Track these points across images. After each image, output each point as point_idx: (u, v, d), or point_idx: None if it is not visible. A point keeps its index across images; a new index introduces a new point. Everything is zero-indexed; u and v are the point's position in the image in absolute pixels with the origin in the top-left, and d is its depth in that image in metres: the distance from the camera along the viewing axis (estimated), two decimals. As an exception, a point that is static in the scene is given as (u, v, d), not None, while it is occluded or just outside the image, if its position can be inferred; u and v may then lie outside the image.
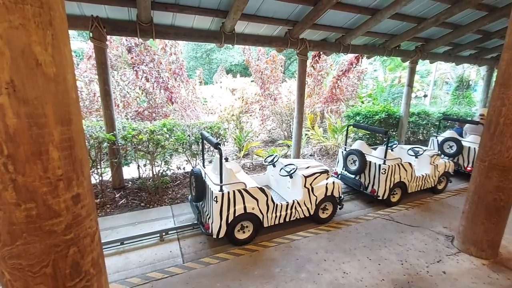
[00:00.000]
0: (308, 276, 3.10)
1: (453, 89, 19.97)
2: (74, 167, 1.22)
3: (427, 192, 5.78)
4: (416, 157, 5.86)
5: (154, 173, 5.45)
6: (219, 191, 3.54)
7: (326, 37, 6.93)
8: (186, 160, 6.15)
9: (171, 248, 3.79)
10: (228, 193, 3.57)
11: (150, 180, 5.56)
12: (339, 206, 4.61)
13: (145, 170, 5.68)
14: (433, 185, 5.74)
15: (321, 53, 9.21)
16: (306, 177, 4.26)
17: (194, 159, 6.05)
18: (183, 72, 8.50)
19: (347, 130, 6.31)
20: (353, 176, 5.52)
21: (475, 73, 19.43)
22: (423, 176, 5.55)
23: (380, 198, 5.04)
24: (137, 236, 3.95)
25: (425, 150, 5.96)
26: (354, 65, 10.04)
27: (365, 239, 3.88)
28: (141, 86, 7.92)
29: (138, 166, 5.86)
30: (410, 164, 5.27)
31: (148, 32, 5.15)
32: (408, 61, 8.72)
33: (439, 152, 6.74)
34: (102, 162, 5.45)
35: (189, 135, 5.82)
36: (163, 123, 5.57)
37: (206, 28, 5.65)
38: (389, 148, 5.40)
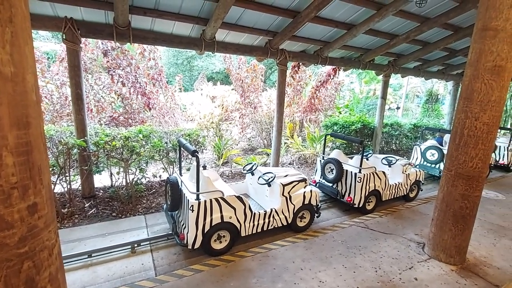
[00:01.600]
0: (285, 286, 3.06)
1: (423, 102, 21.18)
2: (31, 174, 1.13)
3: (399, 200, 6.01)
4: (390, 166, 6.10)
5: (128, 181, 5.23)
6: (196, 199, 3.44)
7: (305, 48, 7.12)
8: (163, 168, 5.97)
9: (143, 261, 3.61)
10: (205, 201, 3.47)
11: (124, 189, 5.32)
12: (316, 215, 4.64)
13: (118, 178, 5.44)
14: (405, 193, 5.98)
15: (301, 64, 9.44)
16: (284, 185, 4.25)
17: (171, 167, 5.89)
18: (162, 78, 8.35)
19: (325, 139, 6.46)
20: (330, 184, 5.61)
21: (443, 87, 20.80)
22: (396, 184, 5.75)
23: (356, 206, 5.15)
24: (107, 248, 3.73)
25: (398, 159, 6.23)
26: (331, 77, 10.37)
27: (341, 247, 3.92)
28: (117, 91, 7.67)
29: (111, 174, 5.61)
30: (384, 172, 5.46)
31: (125, 36, 5.02)
32: (382, 75, 9.14)
33: (422, 159, 7.42)
34: (71, 169, 5.16)
35: (166, 142, 5.67)
36: (139, 130, 5.40)
37: (187, 34, 5.61)
38: (364, 157, 5.58)
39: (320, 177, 5.89)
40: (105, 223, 4.56)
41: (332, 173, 5.48)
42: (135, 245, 3.87)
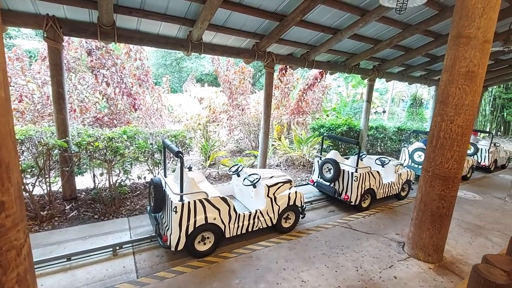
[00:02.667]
0: (267, 286, 3.07)
1: (408, 106, 21.78)
2: (-1, 172, 1.10)
3: (390, 199, 6.16)
4: (383, 166, 6.39)
5: (111, 183, 5.13)
6: (179, 200, 3.41)
7: (292, 52, 7.21)
8: (148, 170, 5.89)
9: (125, 263, 3.55)
10: (189, 203, 3.44)
11: (107, 191, 5.22)
12: (301, 215, 4.69)
13: (102, 180, 5.33)
14: (397, 192, 6.30)
15: (288, 66, 9.55)
16: (269, 186, 4.28)
17: (157, 168, 5.82)
18: (148, 79, 8.26)
19: (323, 140, 6.72)
20: (328, 183, 5.84)
21: (427, 92, 21.46)
22: (389, 183, 6.07)
23: (353, 203, 5.40)
24: (87, 251, 3.65)
25: (390, 160, 6.57)
26: (318, 80, 10.54)
27: (324, 247, 3.98)
28: (102, 91, 7.53)
29: (94, 175, 5.49)
30: (378, 172, 5.75)
31: (109, 36, 4.96)
32: (367, 79, 9.36)
33: (410, 160, 7.75)
34: (52, 170, 5.02)
35: (151, 144, 5.61)
36: (123, 130, 5.32)
37: (173, 35, 5.59)
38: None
39: (318, 177, 6.10)
40: (86, 226, 4.46)
41: (330, 173, 5.74)
42: (117, 248, 3.80)
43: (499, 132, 18.96)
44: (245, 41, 6.26)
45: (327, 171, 5.85)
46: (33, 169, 4.49)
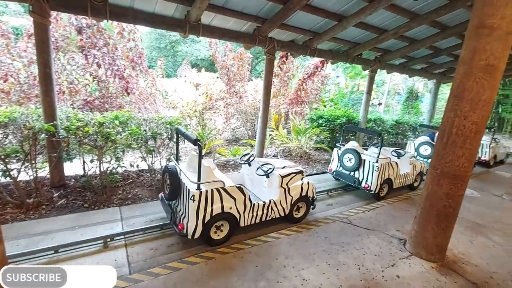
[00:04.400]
0: (267, 285, 2.94)
1: (403, 100, 21.72)
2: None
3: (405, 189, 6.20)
4: (399, 158, 6.48)
5: (102, 170, 4.88)
6: (197, 189, 3.35)
7: (294, 38, 6.90)
8: (141, 157, 5.63)
9: (117, 256, 3.36)
10: (206, 191, 3.40)
11: (97, 178, 4.97)
12: (311, 206, 4.67)
13: (92, 167, 5.06)
14: (411, 182, 6.54)
15: (289, 54, 9.23)
16: (283, 177, 4.24)
17: (150, 156, 5.57)
18: (142, 61, 7.86)
19: (343, 131, 7.18)
20: (348, 172, 6.03)
21: (422, 86, 21.38)
22: (404, 174, 6.28)
23: (373, 192, 5.60)
24: (76, 242, 3.44)
25: (406, 152, 6.73)
26: (319, 69, 10.26)
27: (324, 243, 3.86)
28: (92, 73, 7.12)
29: (84, 162, 5.20)
30: (396, 163, 5.97)
31: (101, 12, 4.58)
32: (368, 70, 9.13)
33: (416, 153, 7.88)
34: (39, 156, 4.73)
35: (145, 130, 5.32)
36: (115, 115, 5.01)
37: (170, 15, 5.22)
38: (377, 148, 5.98)
39: (338, 166, 6.30)
40: (75, 215, 4.23)
41: (351, 162, 5.95)
42: (108, 240, 3.60)
43: (492, 129, 19.15)
44: (246, 25, 5.92)
45: (348, 161, 6.03)
46: (18, 154, 4.19)
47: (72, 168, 5.48)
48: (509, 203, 6.13)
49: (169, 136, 5.44)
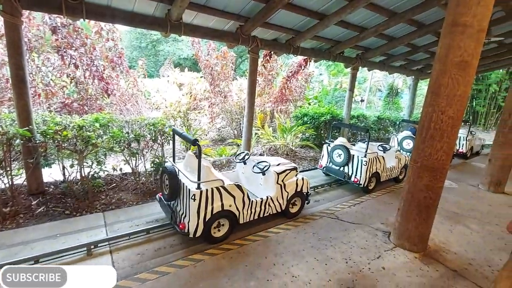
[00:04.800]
0: (257, 284, 2.95)
1: (384, 96, 22.33)
2: None
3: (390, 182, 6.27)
4: (385, 152, 6.70)
5: (83, 175, 4.71)
6: (197, 188, 3.40)
7: (277, 37, 6.93)
8: (124, 160, 5.49)
9: (101, 264, 3.26)
10: (206, 190, 3.46)
11: (79, 184, 4.80)
12: (306, 201, 4.81)
13: (72, 172, 4.88)
14: (397, 175, 6.82)
15: (272, 53, 9.26)
16: (278, 173, 4.36)
17: (134, 158, 5.43)
18: (122, 61, 7.64)
19: (331, 127, 7.58)
20: (338, 167, 6.24)
21: (402, 82, 22.07)
22: (390, 167, 6.56)
23: (362, 186, 5.84)
24: (58, 251, 3.30)
25: (391, 146, 7.01)
26: (303, 67, 10.35)
27: (313, 239, 3.91)
28: (70, 74, 6.85)
29: (63, 167, 5.01)
30: (383, 157, 6.24)
31: (77, 11, 4.41)
32: (350, 67, 9.32)
33: (399, 148, 8.19)
34: (14, 162, 4.50)
35: (127, 132, 5.19)
36: (95, 118, 4.85)
37: (150, 13, 5.10)
38: (364, 143, 6.22)
39: (327, 162, 6.52)
40: (56, 223, 4.07)
41: (340, 158, 6.15)
42: (92, 247, 3.49)
43: (468, 122, 20.02)
44: (229, 23, 5.88)
45: (337, 156, 6.23)
46: (-9, 160, 3.98)
47: (51, 174, 5.25)
48: (484, 193, 6.45)
49: (153, 138, 5.32)
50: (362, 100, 23.51)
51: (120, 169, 5.32)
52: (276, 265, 3.29)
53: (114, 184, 5.43)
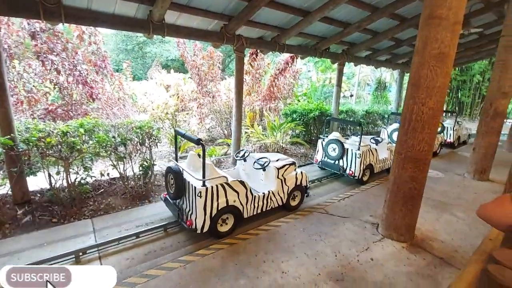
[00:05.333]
0: (248, 282, 2.96)
1: (373, 90, 22.60)
2: None
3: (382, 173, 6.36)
4: (377, 145, 6.87)
5: (70, 182, 4.64)
6: (202, 186, 3.55)
7: (263, 35, 6.93)
8: (112, 165, 5.42)
9: (90, 270, 3.22)
10: (212, 187, 3.62)
11: (65, 191, 4.72)
12: (306, 194, 5.01)
13: (58, 179, 4.80)
14: (389, 166, 6.79)
15: (258, 51, 9.26)
16: (278, 169, 4.55)
17: (122, 163, 5.37)
18: (106, 65, 7.53)
19: (326, 123, 7.92)
20: (333, 161, 6.46)
21: (389, 76, 22.37)
22: (383, 159, 6.76)
23: (356, 177, 6.07)
24: (45, 260, 3.25)
25: (383, 139, 7.22)
26: (289, 65, 10.39)
27: (303, 235, 3.95)
28: (53, 80, 6.71)
29: (49, 174, 4.91)
30: (375, 149, 6.46)
31: (55, 15, 4.31)
32: (337, 63, 9.40)
33: (389, 140, 8.37)
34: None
35: (114, 137, 5.12)
36: (80, 123, 4.77)
37: (132, 15, 5.03)
38: (358, 137, 6.40)
39: (323, 156, 6.73)
40: (43, 231, 4.00)
41: (335, 152, 6.37)
42: (80, 254, 3.45)
43: (454, 112, 20.41)
44: (213, 23, 5.86)
45: (332, 150, 6.44)
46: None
47: (36, 183, 5.15)
48: (469, 181, 6.61)
49: (140, 141, 5.27)
50: (351, 95, 23.74)
51: (108, 174, 5.25)
52: (266, 262, 3.31)
53: (102, 190, 5.36)
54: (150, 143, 5.47)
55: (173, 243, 3.77)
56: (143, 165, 5.35)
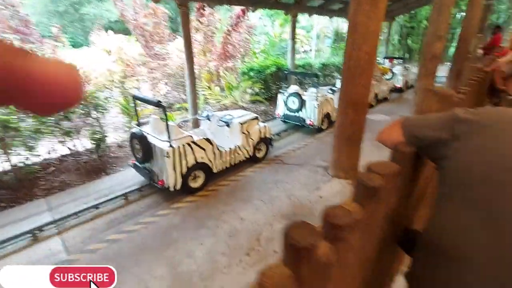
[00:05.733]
0: (208, 231, 3.20)
1: (331, 42, 22.65)
2: None
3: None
4: (333, 94, 7.14)
5: (12, 164, 4.33)
6: (169, 146, 3.65)
7: (206, -14, 6.44)
8: (60, 141, 5.10)
9: (50, 246, 3.22)
10: (178, 147, 3.75)
11: (10, 173, 4.42)
12: (270, 145, 5.32)
13: (1, 162, 4.46)
14: None
15: (205, 5, 8.65)
16: (242, 124, 4.76)
17: (70, 138, 5.07)
18: (31, 31, 6.60)
19: (286, 77, 7.87)
20: (294, 114, 6.69)
21: (346, 26, 22.40)
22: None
23: (317, 127, 6.41)
24: (-2, 242, 3.17)
25: (338, 88, 7.17)
26: (241, 19, 9.91)
27: (260, 185, 4.24)
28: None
29: (-13, 159, 4.53)
30: (332, 99, 6.74)
31: None
32: (290, 14, 9.15)
33: None
34: None
35: (54, 111, 4.74)
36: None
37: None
38: (315, 88, 6.58)
39: (284, 110, 6.93)
40: (-8, 217, 3.81)
41: (295, 104, 6.56)
42: (36, 232, 3.39)
43: (403, 59, 21.43)
44: (147, -26, 5.27)
45: (292, 103, 6.62)
46: None
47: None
48: (412, 121, 7.29)
49: (86, 113, 4.96)
50: (308, 50, 23.55)
51: (55, 151, 4.96)
52: (225, 212, 3.56)
53: (54, 168, 5.09)
54: (98, 114, 5.18)
55: (135, 209, 3.84)
56: (94, 138, 5.12)
